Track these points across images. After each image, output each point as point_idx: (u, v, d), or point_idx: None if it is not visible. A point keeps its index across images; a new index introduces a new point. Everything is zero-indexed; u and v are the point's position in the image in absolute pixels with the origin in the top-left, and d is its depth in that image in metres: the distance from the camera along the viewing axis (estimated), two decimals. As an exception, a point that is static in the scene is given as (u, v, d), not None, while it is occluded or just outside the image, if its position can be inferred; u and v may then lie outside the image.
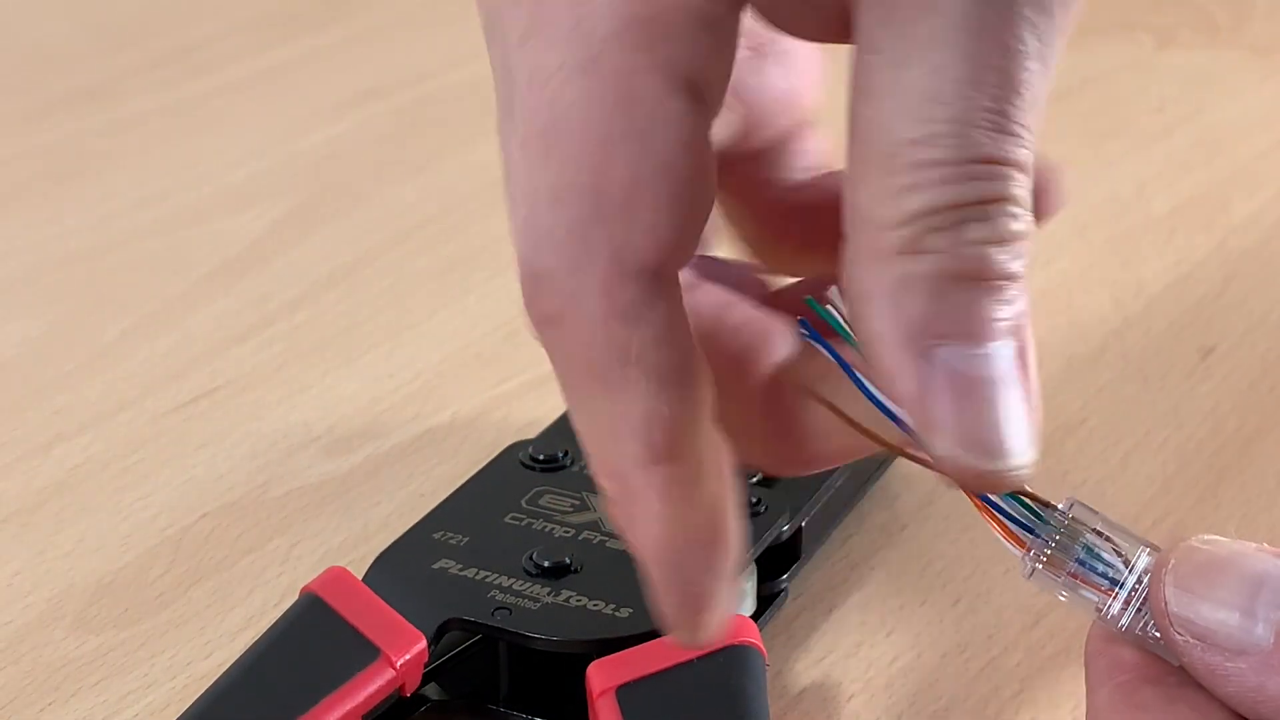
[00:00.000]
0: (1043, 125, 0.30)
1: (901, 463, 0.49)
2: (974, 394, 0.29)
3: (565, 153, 0.29)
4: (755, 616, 0.43)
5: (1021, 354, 0.29)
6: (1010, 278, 0.29)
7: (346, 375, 0.55)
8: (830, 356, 0.32)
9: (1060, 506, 0.33)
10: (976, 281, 0.29)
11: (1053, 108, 0.32)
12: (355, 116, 0.73)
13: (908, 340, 0.29)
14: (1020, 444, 0.29)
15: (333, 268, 0.61)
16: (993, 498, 0.33)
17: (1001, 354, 0.29)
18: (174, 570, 0.46)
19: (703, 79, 0.29)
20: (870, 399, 0.31)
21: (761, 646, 0.39)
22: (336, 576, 0.40)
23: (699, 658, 0.38)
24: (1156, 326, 0.57)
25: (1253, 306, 0.58)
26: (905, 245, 0.29)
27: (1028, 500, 0.33)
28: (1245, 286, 0.59)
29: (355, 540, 0.47)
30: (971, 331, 0.29)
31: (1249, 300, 0.58)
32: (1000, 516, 0.33)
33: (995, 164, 0.29)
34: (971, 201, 0.29)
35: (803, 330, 0.33)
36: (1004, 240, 0.29)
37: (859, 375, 0.32)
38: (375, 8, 0.85)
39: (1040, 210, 0.32)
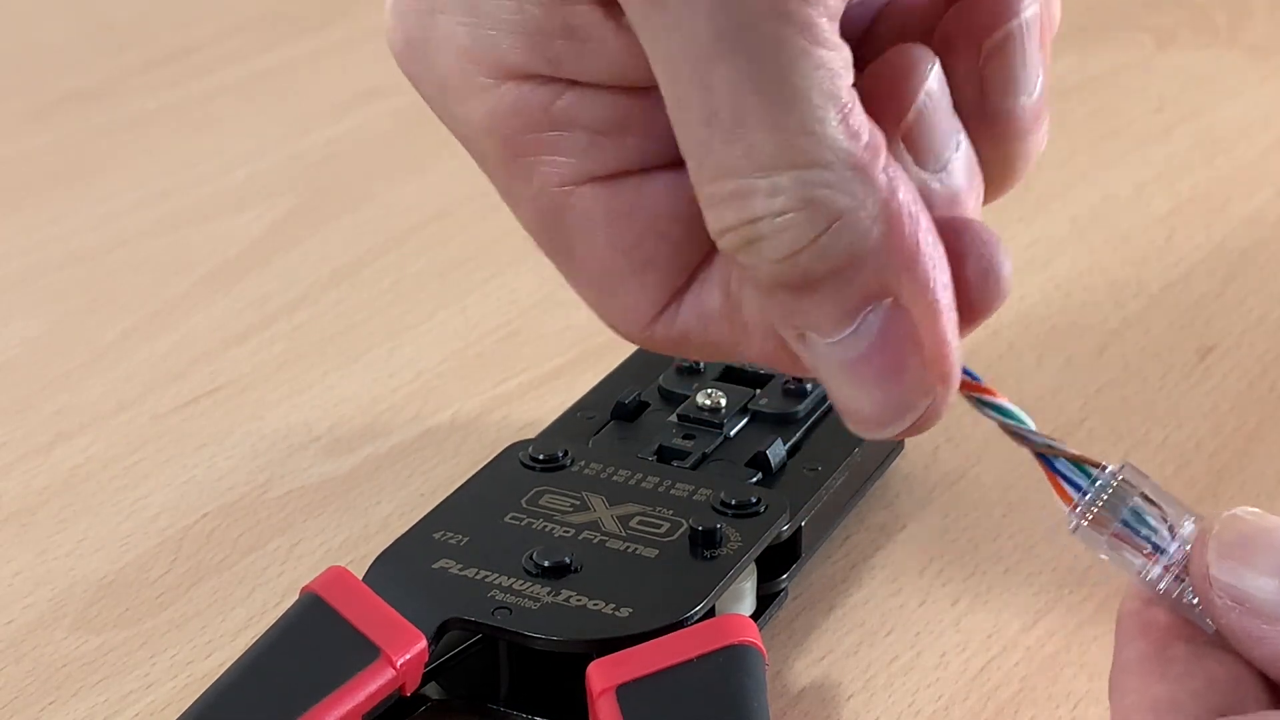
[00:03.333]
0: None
1: (902, 463, 0.49)
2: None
3: None
4: (755, 616, 0.43)
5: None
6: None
7: (346, 375, 0.55)
8: None
9: (1111, 468, 0.34)
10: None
11: (1053, 108, 0.32)
12: (355, 116, 0.73)
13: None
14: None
15: (333, 268, 0.61)
16: (1048, 456, 0.34)
17: None
18: (174, 570, 0.46)
19: None
20: None
21: (761, 646, 0.39)
22: (337, 576, 0.40)
23: (699, 657, 0.38)
24: (1156, 326, 0.57)
25: (1252, 306, 0.58)
26: None
27: (1080, 461, 0.34)
28: (1244, 286, 0.59)
29: (355, 540, 0.47)
30: None
31: (1248, 300, 0.58)
32: (1053, 473, 0.34)
33: None
34: None
35: None
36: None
37: None
38: (375, 8, 0.85)
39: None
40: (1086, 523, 0.34)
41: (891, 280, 0.30)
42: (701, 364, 0.48)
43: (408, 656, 0.38)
